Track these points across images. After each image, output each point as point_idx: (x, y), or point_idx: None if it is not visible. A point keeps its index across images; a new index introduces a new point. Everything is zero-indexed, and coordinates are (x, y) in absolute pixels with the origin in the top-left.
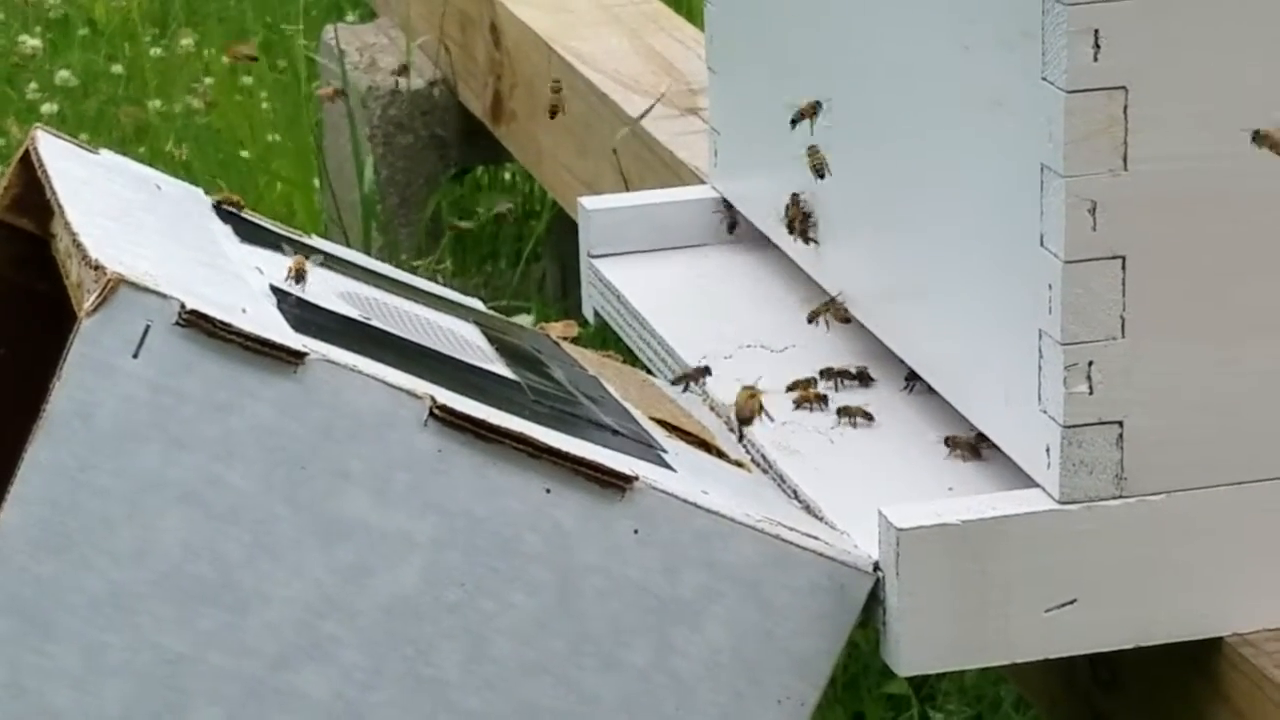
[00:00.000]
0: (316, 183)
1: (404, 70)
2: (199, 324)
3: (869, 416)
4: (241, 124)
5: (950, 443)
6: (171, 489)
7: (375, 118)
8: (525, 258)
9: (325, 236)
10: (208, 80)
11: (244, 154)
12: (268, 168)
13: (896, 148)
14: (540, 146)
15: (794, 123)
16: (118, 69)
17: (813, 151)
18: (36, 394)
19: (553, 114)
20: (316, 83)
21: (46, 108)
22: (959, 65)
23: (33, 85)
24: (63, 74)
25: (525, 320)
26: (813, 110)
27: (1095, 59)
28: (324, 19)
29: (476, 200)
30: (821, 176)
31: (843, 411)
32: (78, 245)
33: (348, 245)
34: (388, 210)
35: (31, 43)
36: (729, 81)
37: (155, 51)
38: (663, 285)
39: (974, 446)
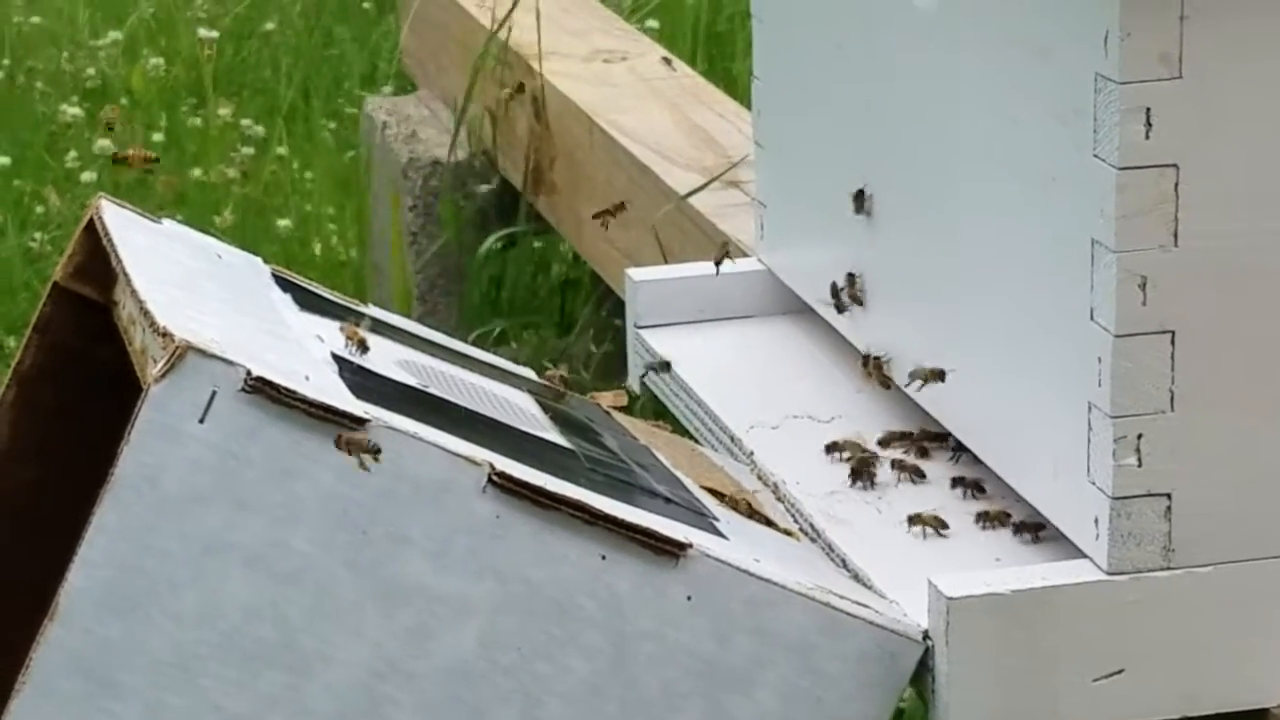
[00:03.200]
0: (354, 253)
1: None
2: (264, 390)
3: (944, 524)
4: (280, 194)
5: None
6: (235, 552)
7: (416, 189)
8: (578, 327)
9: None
10: (245, 150)
11: (284, 222)
12: (305, 237)
13: (945, 219)
14: (580, 218)
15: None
16: (157, 137)
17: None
18: (97, 459)
19: (605, 223)
20: (351, 153)
21: (85, 176)
22: (1009, 139)
23: (72, 154)
24: (102, 143)
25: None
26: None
27: (1147, 137)
28: (355, 89)
29: (518, 270)
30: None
31: (913, 520)
32: (144, 312)
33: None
34: (429, 280)
35: (71, 111)
36: (775, 156)
37: (194, 121)
38: (709, 356)
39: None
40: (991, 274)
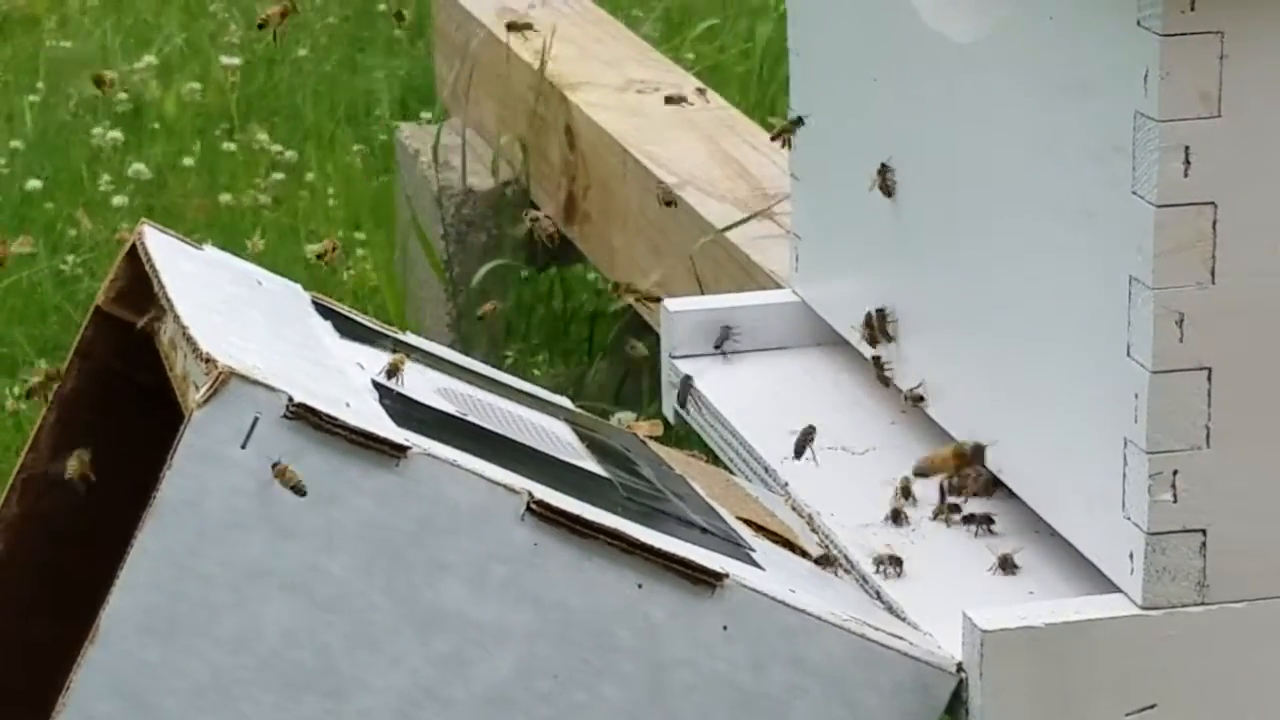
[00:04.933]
0: (384, 279)
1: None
2: (306, 416)
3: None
4: (310, 219)
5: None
6: (275, 577)
7: (448, 217)
8: (603, 355)
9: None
10: (276, 176)
11: (313, 248)
12: (334, 264)
13: (983, 254)
14: (613, 248)
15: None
16: (189, 161)
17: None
18: (137, 482)
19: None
20: (384, 178)
21: (118, 200)
22: (1047, 176)
23: (105, 177)
24: (137, 166)
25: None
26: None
27: (1185, 175)
28: (386, 116)
29: (550, 298)
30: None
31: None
32: (187, 338)
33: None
34: (459, 308)
35: (111, 134)
36: (811, 188)
37: (228, 146)
38: (744, 386)
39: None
40: (1028, 309)
